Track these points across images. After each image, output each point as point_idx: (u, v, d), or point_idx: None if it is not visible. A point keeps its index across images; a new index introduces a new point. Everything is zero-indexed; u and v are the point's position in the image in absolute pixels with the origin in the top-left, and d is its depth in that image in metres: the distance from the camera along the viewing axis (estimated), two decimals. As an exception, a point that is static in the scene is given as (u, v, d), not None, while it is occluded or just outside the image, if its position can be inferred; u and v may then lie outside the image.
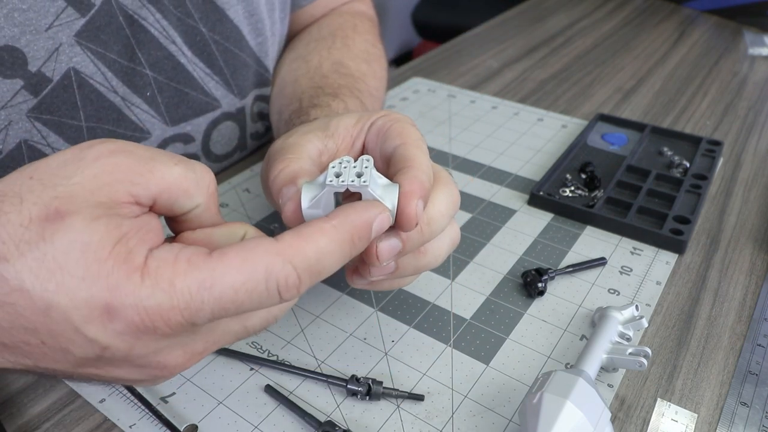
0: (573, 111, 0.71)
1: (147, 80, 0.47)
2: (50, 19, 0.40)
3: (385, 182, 0.30)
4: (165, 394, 0.35)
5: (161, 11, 0.46)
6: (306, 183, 0.30)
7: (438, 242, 0.34)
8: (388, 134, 0.34)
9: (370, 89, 0.52)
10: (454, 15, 1.89)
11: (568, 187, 0.55)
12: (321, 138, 0.35)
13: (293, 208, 0.30)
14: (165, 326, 0.23)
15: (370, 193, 0.28)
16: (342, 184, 0.28)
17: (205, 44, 0.50)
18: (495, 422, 0.34)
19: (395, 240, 0.31)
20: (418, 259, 0.34)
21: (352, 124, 0.36)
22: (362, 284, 0.34)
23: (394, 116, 0.36)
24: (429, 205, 0.32)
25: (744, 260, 0.47)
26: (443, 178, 0.34)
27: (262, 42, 0.55)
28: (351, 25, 0.60)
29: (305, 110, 0.45)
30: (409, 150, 0.32)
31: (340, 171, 0.29)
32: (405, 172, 0.30)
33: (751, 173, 0.60)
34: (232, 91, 0.54)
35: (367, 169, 0.29)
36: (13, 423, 0.34)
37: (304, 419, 0.34)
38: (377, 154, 0.35)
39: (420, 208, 0.29)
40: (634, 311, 0.39)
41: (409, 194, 0.29)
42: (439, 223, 0.33)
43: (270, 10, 0.55)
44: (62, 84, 0.42)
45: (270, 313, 0.28)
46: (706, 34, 0.97)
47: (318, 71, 0.52)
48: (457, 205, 0.34)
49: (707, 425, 0.35)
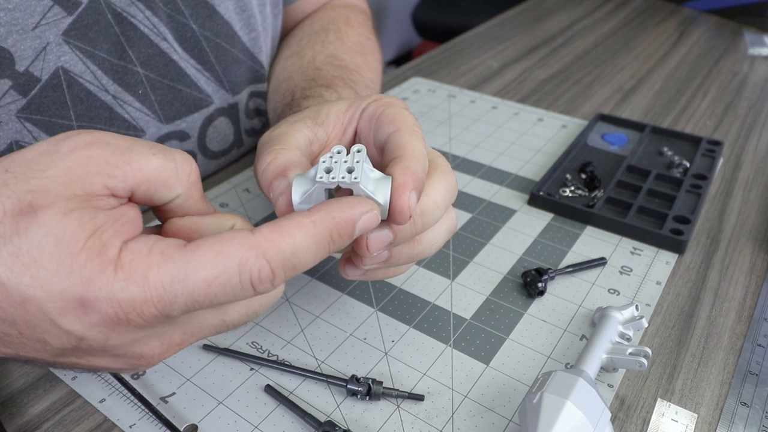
0: (573, 111, 0.71)
1: (138, 78, 0.47)
2: (37, 18, 0.40)
3: (378, 175, 0.29)
4: (165, 394, 0.35)
5: (151, 8, 0.46)
6: (297, 176, 0.29)
7: (433, 231, 0.33)
8: (381, 120, 0.33)
9: (365, 80, 0.52)
10: (454, 15, 1.89)
11: (568, 187, 0.55)
12: (310, 126, 0.35)
13: (285, 203, 0.30)
14: (139, 318, 0.23)
15: (362, 190, 0.28)
16: (332, 181, 0.27)
17: (196, 41, 0.50)
18: (495, 422, 0.34)
19: (386, 231, 0.30)
20: (412, 248, 0.33)
21: (343, 110, 0.36)
22: (356, 275, 0.33)
23: (386, 100, 0.35)
24: (423, 195, 0.31)
25: (744, 260, 0.47)
26: (440, 165, 0.33)
27: (255, 37, 0.55)
28: (344, 18, 0.60)
29: (297, 102, 0.45)
30: (402, 137, 0.31)
31: (330, 166, 0.28)
32: (398, 162, 0.30)
33: (751, 173, 0.60)
34: (224, 87, 0.54)
35: (359, 164, 0.28)
36: (13, 423, 0.34)
37: (304, 419, 0.33)
38: (370, 140, 0.34)
39: (413, 201, 0.29)
40: (634, 311, 0.39)
41: (401, 187, 0.29)
42: (434, 214, 0.32)
43: (261, 5, 0.55)
44: (51, 83, 0.42)
45: (249, 308, 0.28)
46: (706, 34, 0.97)
47: (311, 65, 0.52)
48: (453, 193, 0.33)
49: (707, 425, 0.35)
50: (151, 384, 0.36)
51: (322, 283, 0.43)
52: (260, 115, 0.61)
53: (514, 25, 0.99)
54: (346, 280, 0.43)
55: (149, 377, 0.36)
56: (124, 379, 0.35)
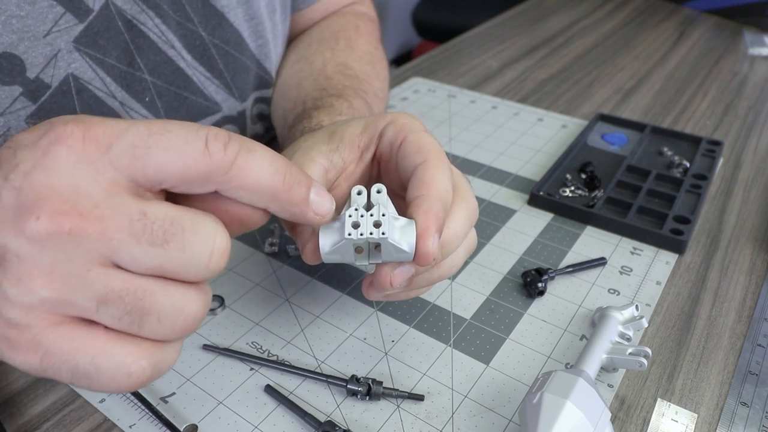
0: (573, 111, 0.71)
1: (146, 85, 0.47)
2: (49, 25, 0.40)
3: (402, 222, 0.30)
4: (165, 394, 0.35)
5: (160, 16, 0.46)
6: (323, 226, 0.30)
7: (453, 256, 0.34)
8: (406, 149, 0.33)
9: (374, 90, 0.52)
10: (454, 15, 1.89)
11: (568, 187, 0.55)
12: (325, 153, 0.35)
13: (312, 251, 0.31)
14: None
15: (390, 244, 0.29)
16: (361, 237, 0.29)
17: (205, 48, 0.50)
18: (495, 422, 0.34)
19: (408, 267, 0.31)
20: (431, 273, 0.34)
21: (358, 133, 0.36)
22: (378, 297, 0.34)
23: (404, 122, 0.35)
24: (444, 228, 0.32)
25: (744, 260, 0.47)
26: (462, 191, 0.34)
27: (263, 44, 0.55)
28: (353, 27, 0.60)
29: (308, 113, 0.45)
30: (428, 172, 0.32)
31: (357, 221, 0.29)
32: (421, 203, 0.30)
33: (751, 173, 0.60)
34: (233, 94, 0.54)
35: (385, 218, 0.29)
36: (13, 423, 0.34)
37: (304, 419, 0.34)
38: (393, 167, 0.35)
39: (435, 244, 0.30)
40: (634, 311, 0.39)
41: (424, 232, 0.29)
42: (454, 244, 0.33)
43: (271, 12, 0.55)
44: (61, 90, 0.42)
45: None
46: (706, 34, 0.97)
47: (322, 73, 0.52)
48: (474, 218, 0.34)
49: (707, 425, 0.35)
50: (151, 384, 0.36)
51: (322, 283, 0.43)
52: (263, 120, 0.61)
53: (514, 25, 0.99)
54: (346, 280, 0.44)
55: (149, 377, 0.36)
56: (124, 379, 0.35)
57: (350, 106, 0.45)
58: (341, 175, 0.36)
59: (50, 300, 0.24)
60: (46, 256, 0.23)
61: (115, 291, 0.24)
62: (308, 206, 0.27)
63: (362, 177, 0.37)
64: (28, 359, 0.24)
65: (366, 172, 0.37)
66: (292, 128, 0.46)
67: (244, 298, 0.42)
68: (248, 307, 0.41)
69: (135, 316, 0.24)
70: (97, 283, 0.24)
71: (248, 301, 0.42)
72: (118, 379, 0.24)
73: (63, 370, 0.24)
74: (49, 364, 0.24)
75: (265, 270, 0.44)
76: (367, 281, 0.34)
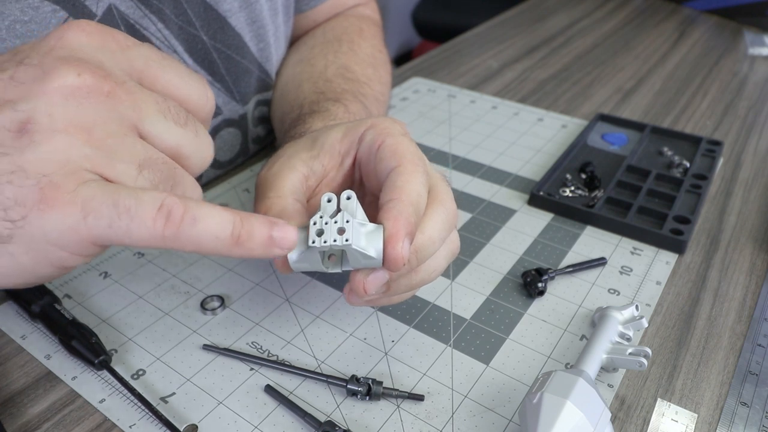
0: (573, 111, 0.71)
1: None
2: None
3: (370, 228, 0.30)
4: (165, 394, 0.35)
5: (163, 20, 0.46)
6: None
7: (433, 259, 0.34)
8: (382, 153, 0.33)
9: (375, 94, 0.52)
10: (454, 15, 1.89)
11: (568, 187, 0.55)
12: (306, 161, 0.35)
13: (282, 262, 0.31)
14: None
15: (354, 251, 0.29)
16: (324, 245, 0.28)
17: (207, 52, 0.50)
18: (495, 422, 0.34)
19: (382, 273, 0.31)
20: (410, 279, 0.33)
21: (339, 139, 0.35)
22: (358, 303, 0.34)
23: (384, 127, 0.34)
24: (418, 233, 0.31)
25: (744, 260, 0.47)
26: (439, 193, 0.33)
27: (264, 47, 0.55)
28: (357, 29, 0.60)
29: (303, 118, 0.45)
30: (400, 177, 0.31)
31: (321, 228, 0.29)
32: (391, 208, 0.30)
33: (751, 173, 0.60)
34: (234, 98, 0.54)
35: (349, 224, 0.28)
36: (13, 423, 0.34)
37: (304, 419, 0.34)
38: (371, 171, 0.34)
39: (405, 249, 0.29)
40: (634, 311, 0.39)
41: (392, 237, 0.29)
42: (430, 249, 0.32)
43: (273, 15, 0.55)
44: None
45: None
46: (706, 34, 0.97)
47: (322, 76, 0.52)
48: (452, 222, 0.33)
49: (707, 425, 0.35)
50: (151, 384, 0.36)
51: (322, 283, 0.43)
52: (264, 122, 0.61)
53: (514, 25, 0.99)
54: (346, 280, 0.43)
55: (149, 377, 0.36)
56: (124, 379, 0.35)
57: (346, 111, 0.45)
58: (322, 182, 0.36)
59: (91, 156, 0.23)
60: (83, 113, 0.23)
61: (152, 158, 0.25)
62: (272, 245, 0.26)
63: (344, 182, 0.37)
64: (65, 213, 0.23)
65: (347, 177, 0.36)
66: (288, 132, 0.46)
67: (244, 298, 0.42)
68: (248, 307, 0.41)
69: (168, 184, 0.25)
70: (137, 147, 0.24)
71: (248, 301, 0.42)
72: (154, 213, 0.23)
73: (104, 210, 0.23)
74: (90, 209, 0.23)
75: (265, 270, 0.44)
76: (347, 287, 0.34)
